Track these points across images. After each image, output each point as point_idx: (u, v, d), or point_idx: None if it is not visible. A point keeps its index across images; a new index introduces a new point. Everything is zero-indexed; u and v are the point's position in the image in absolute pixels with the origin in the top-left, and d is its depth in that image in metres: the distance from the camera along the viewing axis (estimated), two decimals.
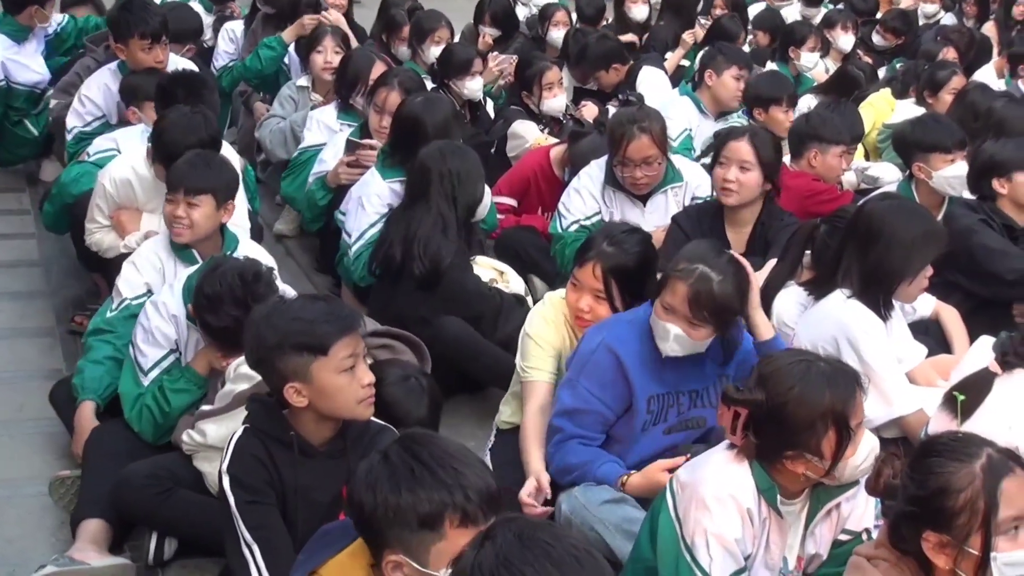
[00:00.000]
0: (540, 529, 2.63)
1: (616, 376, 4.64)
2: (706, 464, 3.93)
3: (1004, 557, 3.16)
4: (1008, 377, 4.41)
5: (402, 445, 3.13)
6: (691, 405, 4.76)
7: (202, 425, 4.70)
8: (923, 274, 5.00)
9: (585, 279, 4.97)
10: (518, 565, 2.54)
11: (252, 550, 3.89)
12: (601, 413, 4.67)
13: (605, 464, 4.62)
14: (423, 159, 6.10)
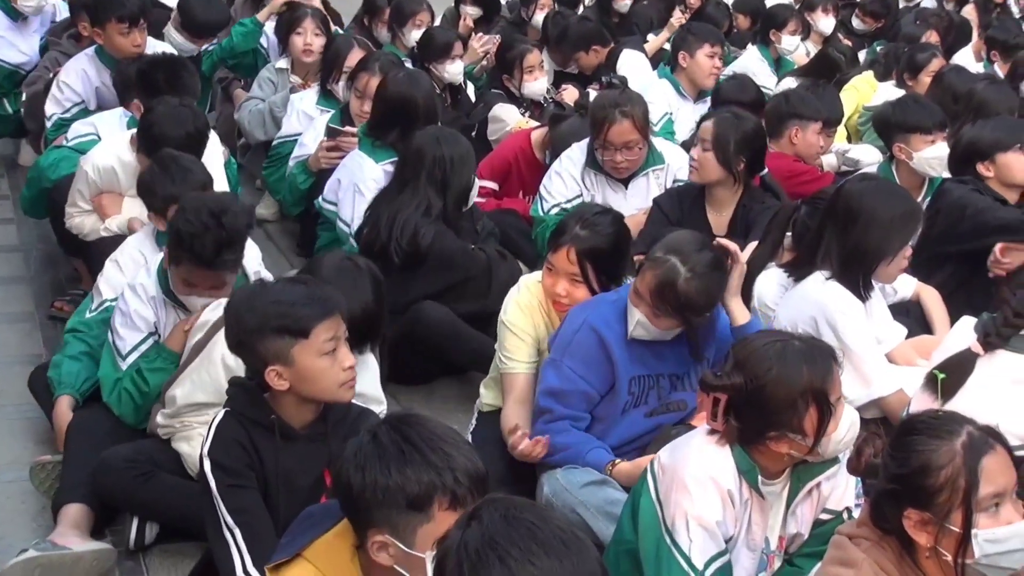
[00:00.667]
0: (526, 510, 2.60)
1: (600, 356, 4.65)
2: (686, 447, 3.93)
3: (985, 534, 3.16)
4: (990, 358, 4.42)
5: (391, 426, 3.12)
6: (671, 389, 4.77)
7: (169, 393, 4.73)
8: (902, 254, 5.00)
9: (560, 263, 4.96)
10: (504, 545, 2.51)
11: (233, 533, 3.88)
12: (586, 392, 4.67)
13: (594, 450, 4.62)
14: (419, 143, 6.09)
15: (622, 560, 3.99)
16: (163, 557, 4.74)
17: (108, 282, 5.48)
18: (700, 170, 6.17)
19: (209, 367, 4.66)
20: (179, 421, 4.74)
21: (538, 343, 5.03)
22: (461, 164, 6.08)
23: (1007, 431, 3.97)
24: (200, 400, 4.69)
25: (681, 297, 4.48)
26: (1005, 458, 3.21)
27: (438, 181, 6.01)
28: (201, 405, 4.70)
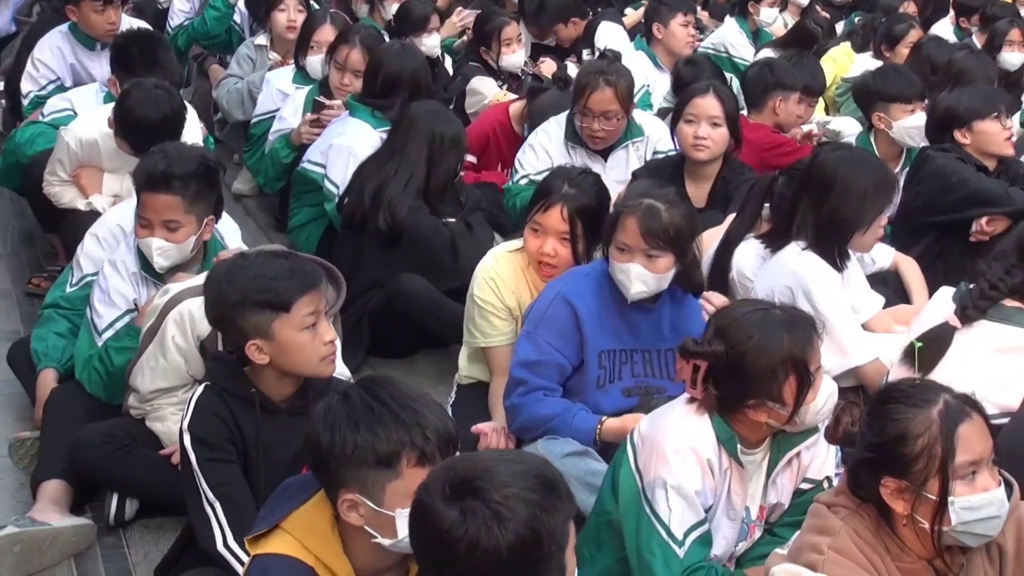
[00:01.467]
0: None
1: (573, 327, 4.65)
2: (666, 416, 3.94)
3: (961, 502, 3.18)
4: (968, 331, 4.44)
5: (362, 386, 3.15)
6: (645, 365, 4.78)
7: (132, 383, 4.73)
8: (877, 223, 5.02)
9: (550, 223, 4.96)
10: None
11: (214, 507, 3.89)
12: (560, 364, 4.68)
13: (579, 414, 4.63)
14: (415, 114, 6.09)
15: (602, 530, 4.01)
16: (143, 532, 4.75)
17: (88, 256, 5.46)
18: (713, 147, 6.17)
19: (164, 352, 4.62)
20: (149, 404, 4.73)
21: (518, 308, 5.04)
22: (453, 145, 6.07)
23: (985, 400, 4.00)
24: (163, 386, 4.68)
25: (670, 227, 4.49)
26: (981, 426, 3.23)
27: (427, 156, 6.00)
28: (166, 390, 4.69)
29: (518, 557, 2.63)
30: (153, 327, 4.65)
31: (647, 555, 3.79)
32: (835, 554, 3.20)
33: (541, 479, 2.69)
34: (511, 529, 2.62)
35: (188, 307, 4.56)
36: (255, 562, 3.18)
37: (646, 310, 4.71)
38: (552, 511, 2.66)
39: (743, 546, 4.02)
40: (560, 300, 4.67)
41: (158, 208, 4.92)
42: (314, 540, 3.14)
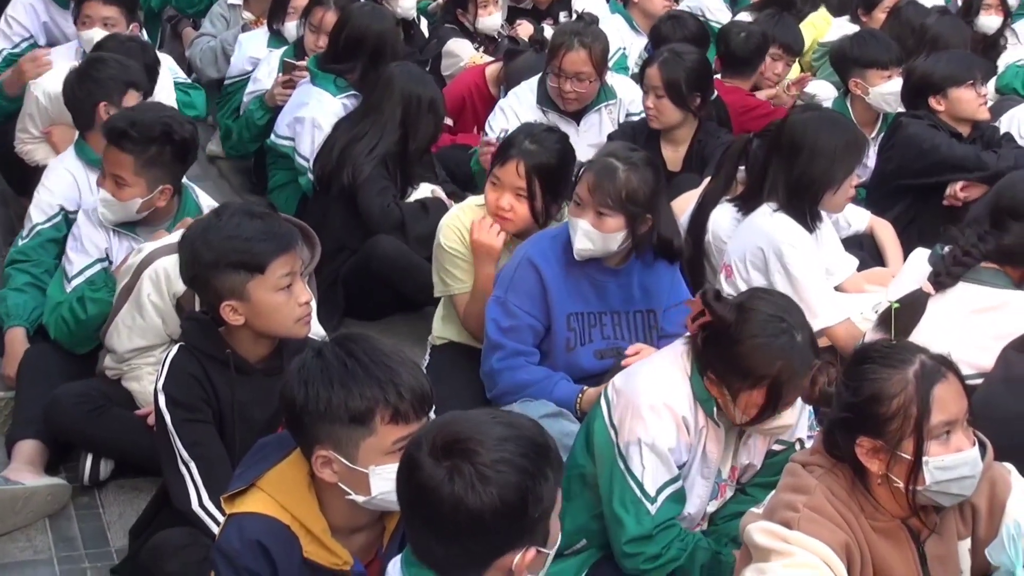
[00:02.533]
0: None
1: (539, 290, 4.67)
2: (642, 372, 3.96)
3: (936, 461, 3.19)
4: (941, 297, 4.46)
5: (337, 343, 3.14)
6: (615, 327, 4.79)
7: (108, 343, 4.73)
8: (848, 183, 5.05)
9: (507, 177, 4.96)
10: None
11: (189, 467, 3.89)
12: (532, 326, 4.69)
13: (560, 383, 4.65)
14: (392, 75, 6.07)
15: (573, 483, 4.02)
16: (118, 492, 4.76)
17: (38, 206, 5.47)
18: (660, 117, 6.21)
19: (140, 311, 4.62)
20: (126, 364, 4.73)
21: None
22: (430, 109, 6.05)
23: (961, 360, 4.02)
24: (140, 344, 4.67)
25: (622, 188, 4.49)
26: (957, 386, 3.24)
27: (401, 119, 5.98)
28: (143, 348, 4.69)
29: (502, 520, 2.65)
30: (128, 285, 4.64)
31: (620, 511, 3.82)
32: (810, 512, 3.21)
33: (533, 444, 2.70)
34: (496, 493, 2.63)
35: (163, 264, 4.56)
36: (231, 521, 3.18)
37: (614, 272, 4.72)
38: (541, 477, 2.67)
39: (714, 505, 4.04)
40: (526, 263, 4.69)
41: (111, 161, 4.94)
42: (290, 498, 3.14)
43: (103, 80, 5.50)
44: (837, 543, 3.19)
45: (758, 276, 4.96)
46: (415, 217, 5.86)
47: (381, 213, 5.89)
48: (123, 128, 4.90)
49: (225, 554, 3.13)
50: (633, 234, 4.59)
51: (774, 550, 3.19)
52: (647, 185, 4.54)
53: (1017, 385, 4.00)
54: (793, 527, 3.19)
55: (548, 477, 2.68)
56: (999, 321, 4.35)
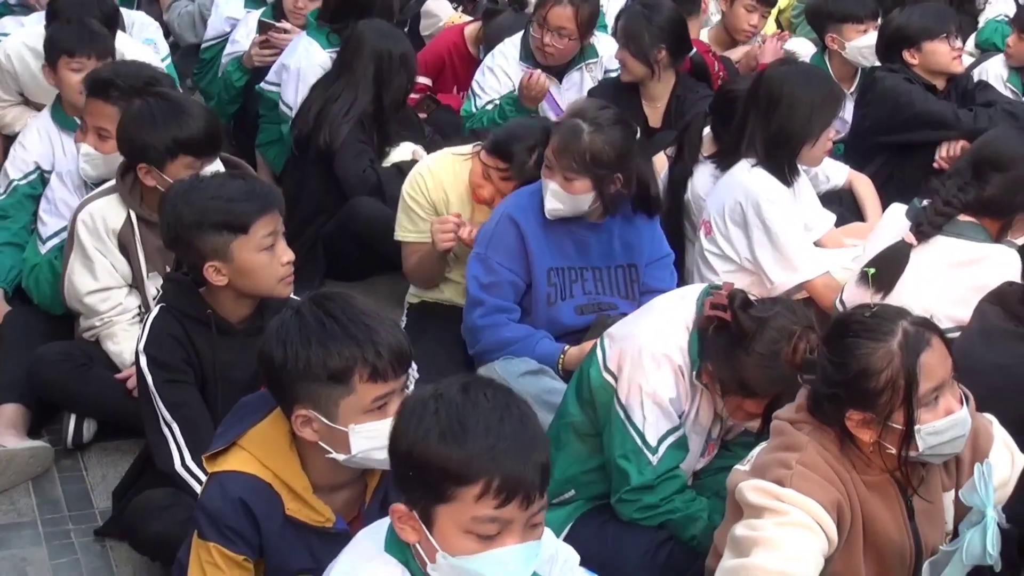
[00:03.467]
0: (489, 386, 2.67)
1: (519, 245, 4.68)
2: (641, 322, 3.97)
3: (927, 428, 3.18)
4: (923, 247, 4.45)
5: (315, 302, 3.11)
6: (596, 283, 4.78)
7: (68, 302, 4.76)
8: (825, 137, 5.04)
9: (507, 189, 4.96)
10: (446, 400, 2.60)
11: (171, 428, 3.87)
12: (513, 282, 4.70)
13: (542, 341, 4.66)
14: (362, 31, 6.04)
15: (563, 432, 4.03)
16: (101, 455, 4.75)
17: (13, 163, 5.49)
18: (625, 69, 6.22)
19: (84, 255, 4.66)
20: (97, 319, 4.72)
21: (448, 209, 5.10)
22: (403, 64, 6.02)
23: (943, 314, 4.04)
24: (95, 287, 4.68)
25: (586, 151, 4.48)
26: (941, 349, 3.21)
27: (373, 77, 5.95)
28: (101, 291, 4.68)
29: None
30: (68, 237, 4.71)
31: (622, 461, 3.84)
32: (803, 468, 3.20)
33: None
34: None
35: (96, 206, 4.64)
36: (213, 480, 3.17)
37: (594, 228, 4.72)
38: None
39: (702, 462, 4.04)
40: (506, 219, 4.69)
41: (94, 113, 4.93)
42: (271, 456, 3.13)
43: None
44: (829, 501, 3.19)
45: (737, 231, 4.96)
46: (392, 182, 5.80)
47: (357, 179, 5.87)
48: (108, 78, 4.90)
49: (207, 512, 3.12)
50: (602, 195, 4.59)
51: (767, 508, 3.18)
52: (612, 146, 4.52)
53: (992, 336, 3.99)
54: (786, 484, 3.18)
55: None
56: (978, 274, 4.34)
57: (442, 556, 2.60)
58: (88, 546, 4.30)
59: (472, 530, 2.56)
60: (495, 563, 2.58)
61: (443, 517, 2.58)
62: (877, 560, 3.32)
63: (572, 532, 3.93)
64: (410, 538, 2.66)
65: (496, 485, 2.53)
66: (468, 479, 2.53)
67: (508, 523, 2.56)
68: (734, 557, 3.19)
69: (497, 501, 2.53)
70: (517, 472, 2.53)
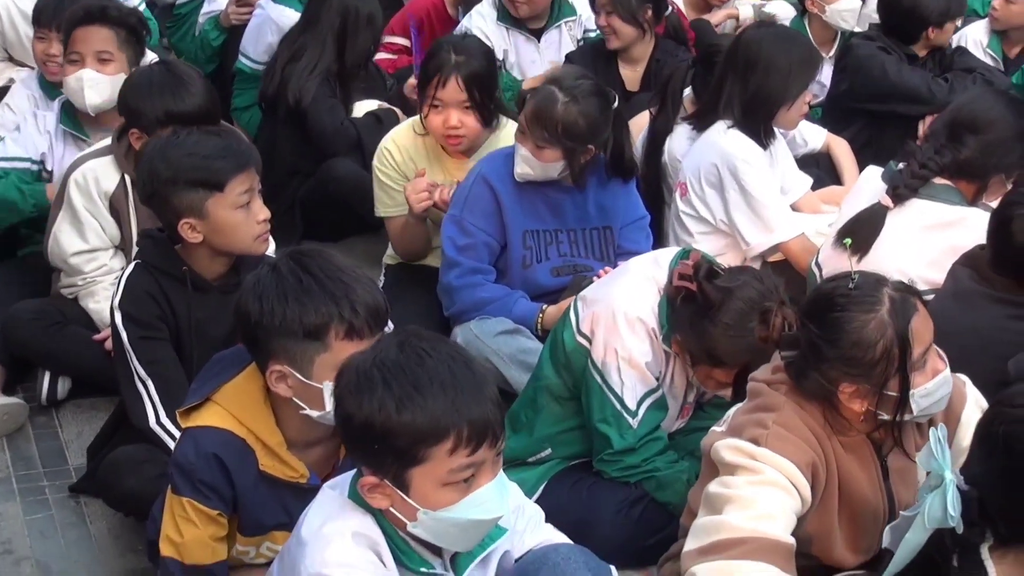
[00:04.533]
0: (423, 339, 2.69)
1: (494, 207, 4.67)
2: (615, 284, 3.97)
3: (920, 391, 3.21)
4: (900, 210, 4.45)
5: (292, 258, 3.11)
6: (571, 245, 4.77)
7: (52, 255, 4.73)
8: (802, 99, 5.03)
9: (449, 96, 4.88)
10: (390, 367, 2.61)
11: (146, 384, 3.85)
12: (488, 244, 4.70)
13: (520, 301, 4.66)
14: None
15: (540, 395, 4.04)
16: (76, 412, 4.73)
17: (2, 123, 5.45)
18: (615, 36, 6.15)
19: (73, 215, 4.63)
20: (80, 278, 4.70)
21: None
22: (368, 23, 5.99)
23: (917, 277, 4.06)
24: (82, 247, 4.66)
25: (559, 122, 4.47)
26: (925, 313, 3.24)
27: (338, 33, 5.91)
28: (87, 252, 4.66)
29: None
30: (58, 195, 4.66)
31: (603, 427, 3.86)
32: (780, 428, 3.21)
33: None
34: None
35: (89, 166, 4.60)
36: (186, 435, 3.17)
37: (569, 191, 4.72)
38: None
39: (677, 424, 4.05)
40: (480, 180, 4.68)
41: (91, 40, 4.97)
42: (245, 412, 3.13)
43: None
44: (803, 462, 3.21)
45: (713, 193, 4.95)
46: (370, 131, 5.79)
47: (335, 132, 5.84)
48: (102, 5, 4.97)
49: (181, 468, 3.12)
50: (571, 165, 4.58)
51: (741, 466, 3.20)
52: (586, 118, 4.51)
53: (965, 299, 4.01)
54: (762, 444, 3.19)
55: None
56: (953, 237, 4.34)
57: (423, 513, 2.65)
58: (62, 502, 4.28)
59: (449, 481, 2.62)
60: (475, 505, 2.65)
61: (418, 478, 2.62)
62: (851, 519, 3.35)
63: (547, 490, 3.95)
64: (382, 505, 2.69)
65: (466, 435, 2.58)
66: (438, 437, 2.57)
67: (481, 464, 2.63)
68: (707, 515, 3.21)
69: (469, 449, 2.59)
70: (481, 415, 2.60)
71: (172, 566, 3.14)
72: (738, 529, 3.11)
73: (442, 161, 5.06)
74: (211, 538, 3.14)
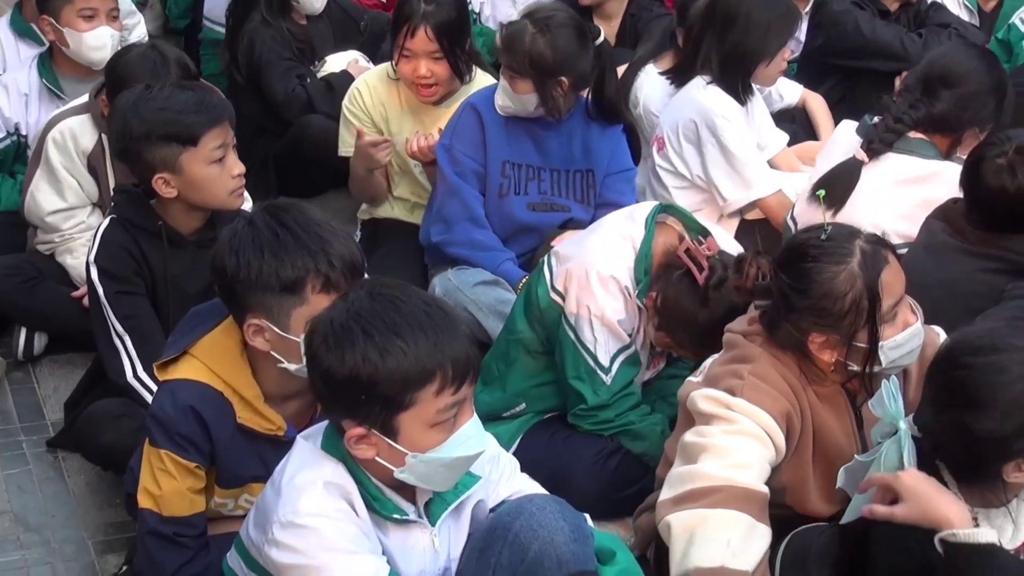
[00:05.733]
0: (392, 287, 2.72)
1: (480, 134, 4.68)
2: (589, 241, 3.96)
3: (889, 343, 3.22)
4: (875, 164, 4.46)
5: (268, 212, 3.09)
6: (553, 184, 4.77)
7: (28, 216, 4.73)
8: (780, 56, 5.02)
9: (418, 46, 4.88)
10: (367, 317, 2.63)
11: (123, 339, 3.84)
12: (476, 171, 4.72)
13: (507, 262, 4.68)
14: None
15: (512, 348, 4.05)
16: (53, 367, 4.73)
17: None
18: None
19: (51, 173, 4.62)
20: (57, 235, 4.69)
21: (388, 124, 5.09)
22: None
23: (891, 230, 4.06)
24: (60, 206, 4.66)
25: (527, 53, 4.47)
26: (897, 266, 3.24)
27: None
28: (65, 210, 4.66)
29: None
30: (36, 151, 4.65)
31: (576, 383, 3.87)
32: (755, 379, 3.22)
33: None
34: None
35: (67, 125, 4.58)
36: (163, 388, 3.16)
37: (555, 129, 4.71)
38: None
39: (648, 375, 4.05)
40: (469, 108, 4.72)
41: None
42: (222, 365, 3.12)
43: None
44: (778, 412, 3.22)
45: (690, 148, 4.96)
46: (322, 97, 5.73)
47: (285, 98, 5.78)
48: None
49: (159, 421, 3.10)
50: (543, 97, 4.56)
51: (717, 416, 3.21)
52: (554, 49, 4.49)
53: (938, 251, 4.03)
54: (737, 394, 3.21)
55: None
56: (926, 191, 4.36)
57: (412, 457, 2.68)
58: (40, 456, 4.28)
59: (437, 422, 2.67)
60: (460, 443, 2.71)
61: (407, 423, 2.66)
62: (825, 469, 3.36)
63: (523, 444, 3.96)
64: (367, 455, 2.71)
65: (450, 375, 2.63)
66: (425, 380, 2.62)
67: (463, 402, 2.70)
68: (683, 464, 3.22)
69: (454, 387, 2.65)
70: (462, 353, 2.65)
71: (150, 518, 3.14)
72: (713, 478, 3.13)
73: (417, 112, 5.05)
74: (189, 490, 3.13)
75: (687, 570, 3.06)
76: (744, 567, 3.05)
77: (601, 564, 2.94)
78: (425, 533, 2.87)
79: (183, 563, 3.16)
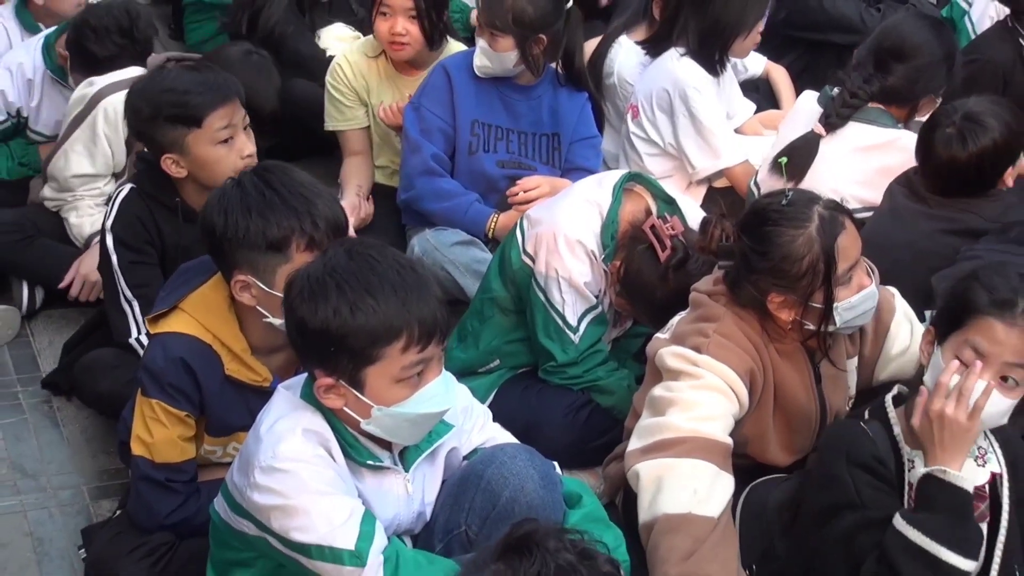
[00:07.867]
0: (370, 247, 2.74)
1: (449, 95, 4.67)
2: (558, 206, 3.97)
3: (843, 304, 3.25)
4: (832, 138, 4.48)
5: (255, 173, 3.11)
6: (521, 146, 4.77)
7: (53, 169, 4.67)
8: (756, 29, 5.00)
9: (396, 2, 4.86)
10: (342, 273, 2.66)
11: (131, 304, 3.86)
12: (443, 130, 4.70)
13: (475, 204, 4.67)
14: None
15: (486, 306, 4.06)
16: (47, 322, 4.71)
17: None
18: None
19: (94, 139, 4.57)
20: (70, 195, 4.65)
21: (369, 95, 5.07)
22: None
23: (850, 195, 4.10)
24: (88, 171, 4.61)
25: (508, 10, 4.46)
26: (853, 231, 3.27)
27: None
28: (90, 176, 4.63)
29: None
30: (80, 115, 4.58)
31: (546, 341, 3.89)
32: (720, 337, 3.25)
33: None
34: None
35: (117, 100, 4.46)
36: (155, 340, 3.17)
37: (524, 92, 4.71)
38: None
39: (614, 333, 4.08)
40: (439, 70, 4.71)
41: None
42: (211, 319, 3.13)
43: None
44: (742, 368, 3.25)
45: (663, 117, 4.95)
46: None
47: (314, 59, 5.63)
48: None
49: (151, 372, 3.12)
50: (524, 55, 4.56)
51: (683, 371, 3.24)
52: (535, 6, 4.48)
53: (900, 215, 4.06)
54: (703, 351, 3.24)
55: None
56: (884, 158, 4.39)
57: (377, 410, 2.71)
58: (36, 407, 4.28)
59: (402, 378, 2.69)
60: (425, 400, 2.73)
61: (373, 377, 2.69)
62: (785, 422, 3.40)
63: (497, 397, 3.98)
64: (336, 404, 2.74)
65: (416, 333, 2.65)
66: (391, 336, 2.64)
67: (429, 360, 2.72)
68: (651, 416, 3.25)
69: (420, 346, 2.67)
70: (430, 314, 2.67)
71: (143, 464, 3.15)
72: (679, 429, 3.16)
73: (394, 80, 5.04)
74: (179, 438, 3.15)
75: (655, 516, 3.10)
76: (710, 513, 3.09)
77: (568, 508, 2.98)
78: (399, 479, 2.90)
79: (175, 507, 3.19)
